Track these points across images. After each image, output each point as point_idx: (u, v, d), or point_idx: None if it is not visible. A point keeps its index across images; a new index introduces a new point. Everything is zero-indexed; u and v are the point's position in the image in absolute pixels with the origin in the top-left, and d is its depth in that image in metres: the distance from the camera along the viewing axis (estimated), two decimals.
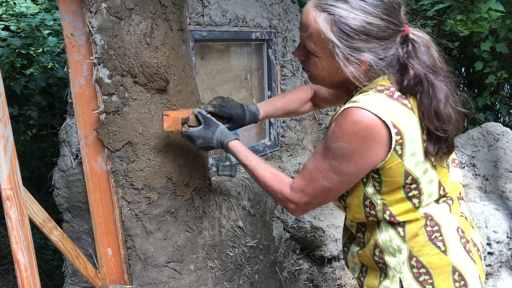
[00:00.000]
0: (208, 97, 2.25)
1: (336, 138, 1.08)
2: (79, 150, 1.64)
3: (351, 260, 1.31)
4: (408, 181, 1.10)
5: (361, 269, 1.27)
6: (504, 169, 2.79)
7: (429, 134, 1.09)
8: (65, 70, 1.65)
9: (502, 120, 4.65)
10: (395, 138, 1.04)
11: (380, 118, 1.03)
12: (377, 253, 1.18)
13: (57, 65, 4.06)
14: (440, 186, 1.15)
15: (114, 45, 1.48)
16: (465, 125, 4.37)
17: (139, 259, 1.65)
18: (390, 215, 1.14)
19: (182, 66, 1.66)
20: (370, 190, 1.14)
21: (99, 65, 1.50)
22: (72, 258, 1.57)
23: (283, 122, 2.77)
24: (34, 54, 3.87)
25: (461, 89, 4.79)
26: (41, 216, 1.41)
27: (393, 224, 1.15)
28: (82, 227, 1.77)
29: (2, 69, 3.46)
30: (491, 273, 2.60)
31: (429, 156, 1.10)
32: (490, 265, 2.55)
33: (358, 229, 1.26)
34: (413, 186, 1.11)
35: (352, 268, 1.32)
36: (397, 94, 1.09)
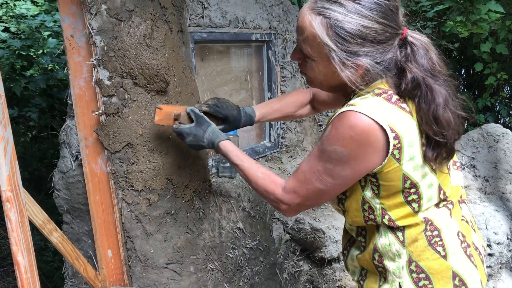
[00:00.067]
0: (208, 98, 2.25)
1: (332, 141, 1.07)
2: (79, 152, 1.64)
3: (351, 263, 1.30)
4: (406, 185, 1.08)
5: (360, 272, 1.27)
6: (504, 170, 2.80)
7: (428, 139, 1.07)
8: (65, 71, 1.65)
9: (502, 121, 4.66)
10: (393, 142, 1.03)
11: (377, 122, 1.02)
12: (376, 257, 1.17)
13: (57, 66, 4.07)
14: (440, 190, 1.14)
15: (114, 46, 1.48)
16: (465, 126, 4.39)
17: (139, 261, 1.65)
18: (389, 220, 1.12)
19: (182, 67, 1.66)
20: (368, 193, 1.13)
21: (99, 66, 1.50)
22: (72, 260, 1.57)
23: (283, 123, 2.78)
24: (34, 56, 3.88)
25: (461, 90, 4.80)
26: (41, 217, 1.41)
27: (392, 228, 1.14)
28: (82, 229, 1.77)
29: (2, 70, 3.46)
30: (491, 274, 2.60)
31: (428, 161, 1.08)
32: (490, 266, 2.55)
33: (358, 232, 1.25)
34: (412, 190, 1.09)
35: (352, 271, 1.31)
36: (395, 97, 1.07)
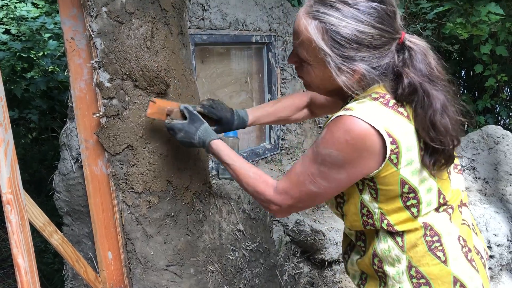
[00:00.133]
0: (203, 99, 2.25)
1: (327, 144, 1.06)
2: (80, 154, 1.64)
3: (351, 267, 1.29)
4: (405, 190, 1.07)
5: (360, 276, 1.26)
6: (504, 172, 2.80)
7: (425, 145, 1.06)
8: (65, 73, 1.65)
9: (502, 123, 4.66)
10: (390, 147, 1.02)
11: (373, 127, 1.01)
12: (376, 262, 1.17)
13: (57, 68, 4.08)
14: (439, 194, 1.13)
15: (114, 49, 1.48)
16: (465, 128, 4.38)
17: (139, 263, 1.65)
18: (388, 225, 1.11)
19: (182, 69, 1.66)
20: (367, 197, 1.12)
21: (100, 69, 1.51)
22: (72, 262, 1.57)
23: (283, 125, 2.78)
24: (35, 58, 3.88)
25: (461, 92, 4.80)
26: (41, 220, 1.41)
27: (391, 233, 1.13)
28: (83, 231, 1.77)
29: (3, 72, 3.47)
30: (492, 276, 2.60)
31: (425, 167, 1.07)
32: (490, 268, 2.55)
33: (358, 237, 1.24)
34: (411, 195, 1.08)
35: (352, 275, 1.30)
36: (392, 102, 1.06)
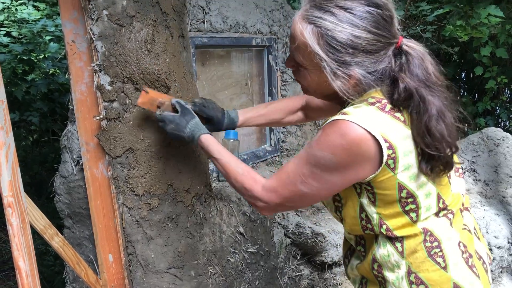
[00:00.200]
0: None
1: (321, 146, 1.06)
2: (80, 157, 1.64)
3: (351, 272, 1.29)
4: (403, 194, 1.06)
5: (361, 281, 1.26)
6: (504, 174, 2.80)
7: (422, 151, 1.05)
8: (66, 76, 1.65)
9: (502, 125, 4.66)
10: (387, 152, 1.01)
11: (369, 132, 1.00)
12: (375, 267, 1.16)
13: (58, 71, 4.08)
14: (439, 199, 1.11)
15: (115, 52, 1.49)
16: (465, 130, 4.38)
17: (140, 265, 1.65)
18: (387, 230, 1.11)
19: (183, 72, 1.67)
20: (365, 201, 1.11)
21: (100, 72, 1.51)
22: (73, 264, 1.57)
23: (283, 127, 2.78)
24: (36, 60, 3.89)
25: (461, 94, 4.80)
26: (42, 222, 1.42)
27: (391, 239, 1.12)
28: (83, 233, 1.77)
29: (4, 75, 3.47)
30: (492, 278, 2.60)
31: (423, 173, 1.06)
32: (491, 270, 2.55)
33: (357, 242, 1.23)
34: (409, 200, 1.07)
35: (353, 279, 1.30)
36: (389, 106, 1.05)
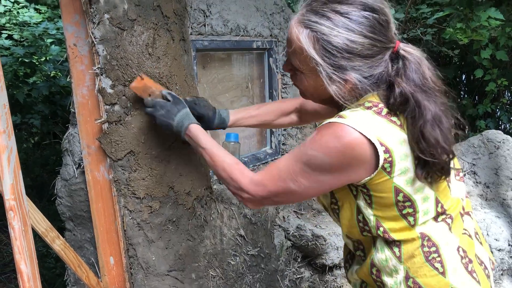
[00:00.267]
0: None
1: (315, 146, 1.06)
2: (82, 160, 1.65)
3: (351, 276, 1.29)
4: (400, 198, 1.06)
5: (361, 285, 1.25)
6: (505, 176, 2.80)
7: (418, 156, 1.04)
8: (67, 79, 1.66)
9: (503, 127, 4.66)
10: (384, 156, 1.01)
11: (365, 136, 1.00)
12: (374, 272, 1.16)
13: (59, 73, 4.10)
14: (437, 203, 1.11)
15: (116, 55, 1.50)
16: (464, 134, 4.38)
17: (141, 268, 1.66)
18: (384, 232, 1.10)
19: (184, 75, 1.68)
20: (361, 203, 1.11)
21: (102, 75, 1.52)
22: (74, 267, 1.58)
23: (284, 130, 2.78)
24: (37, 63, 3.91)
25: (461, 96, 4.80)
26: (43, 225, 1.42)
27: (389, 244, 1.12)
28: (85, 236, 1.78)
29: (5, 77, 3.49)
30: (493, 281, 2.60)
31: (419, 179, 1.05)
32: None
33: (356, 247, 1.23)
34: (407, 204, 1.07)
35: (353, 283, 1.30)
36: (385, 110, 1.05)
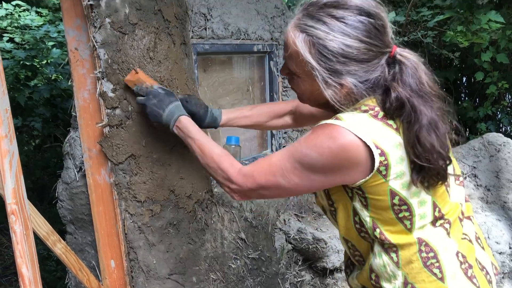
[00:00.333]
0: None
1: (309, 145, 1.06)
2: (83, 163, 1.65)
3: (352, 281, 1.29)
4: (395, 201, 1.06)
5: None
6: (506, 179, 2.80)
7: (413, 161, 1.03)
8: (69, 83, 1.67)
9: (503, 130, 4.66)
10: (379, 159, 1.01)
11: (360, 139, 1.00)
12: (373, 277, 1.16)
13: (60, 76, 4.11)
14: (435, 207, 1.10)
15: (117, 59, 1.50)
16: (466, 134, 4.38)
17: (142, 271, 1.66)
18: (381, 233, 1.10)
19: (185, 79, 1.68)
20: (357, 205, 1.11)
21: (103, 79, 1.52)
22: (75, 271, 1.58)
23: (285, 132, 2.79)
24: (38, 66, 3.91)
25: (462, 99, 4.81)
26: (45, 229, 1.43)
27: (386, 249, 1.12)
28: (85, 239, 1.78)
29: (7, 80, 3.49)
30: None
31: (415, 184, 1.04)
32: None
33: (352, 253, 1.23)
34: (403, 207, 1.06)
35: None
36: (381, 114, 1.05)
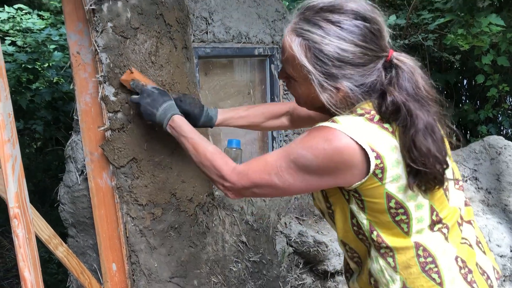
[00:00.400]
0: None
1: (304, 146, 1.06)
2: (85, 166, 1.66)
3: (353, 285, 1.29)
4: (392, 204, 1.05)
5: None
6: (507, 182, 2.80)
7: (410, 165, 1.03)
8: (71, 87, 1.68)
9: (504, 132, 4.66)
10: (375, 162, 1.01)
11: (356, 141, 1.00)
12: (372, 282, 1.16)
13: (62, 79, 4.12)
14: (432, 211, 1.09)
15: (119, 63, 1.51)
16: (467, 137, 4.38)
17: (143, 275, 1.66)
18: (378, 236, 1.10)
19: (186, 83, 1.69)
20: (354, 207, 1.11)
21: (105, 83, 1.53)
22: (76, 274, 1.59)
23: (286, 136, 2.79)
24: (40, 69, 3.93)
25: (463, 102, 4.81)
26: (47, 232, 1.43)
27: (382, 254, 1.11)
28: (87, 242, 1.78)
29: (9, 83, 3.50)
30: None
31: (411, 188, 1.04)
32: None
33: (351, 256, 1.23)
34: (400, 210, 1.06)
35: None
36: (377, 117, 1.06)
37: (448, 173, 1.09)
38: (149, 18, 1.54)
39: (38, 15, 4.33)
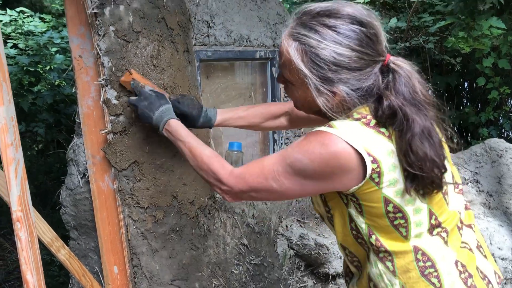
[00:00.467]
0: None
1: (301, 150, 1.07)
2: (87, 169, 1.67)
3: None
4: (390, 208, 1.05)
5: None
6: (508, 185, 2.80)
7: (407, 170, 1.03)
8: (73, 90, 1.69)
9: (505, 135, 4.65)
10: (372, 166, 1.01)
11: (352, 146, 1.00)
12: (371, 286, 1.16)
13: (64, 82, 4.13)
14: (431, 215, 1.09)
15: (121, 67, 1.52)
16: (468, 140, 4.38)
17: (145, 277, 1.67)
18: (376, 240, 1.10)
19: (188, 86, 1.70)
20: (353, 211, 1.11)
21: (107, 86, 1.54)
22: (78, 276, 1.59)
23: (287, 138, 2.80)
24: (42, 72, 3.94)
25: (464, 104, 4.81)
26: (49, 235, 1.44)
27: (381, 258, 1.11)
28: (89, 245, 1.79)
29: (11, 86, 3.52)
30: None
31: (408, 193, 1.04)
32: None
33: (350, 259, 1.23)
34: (398, 214, 1.06)
35: None
36: (373, 121, 1.06)
37: (447, 176, 1.09)
38: (151, 22, 1.55)
39: (40, 18, 4.35)
